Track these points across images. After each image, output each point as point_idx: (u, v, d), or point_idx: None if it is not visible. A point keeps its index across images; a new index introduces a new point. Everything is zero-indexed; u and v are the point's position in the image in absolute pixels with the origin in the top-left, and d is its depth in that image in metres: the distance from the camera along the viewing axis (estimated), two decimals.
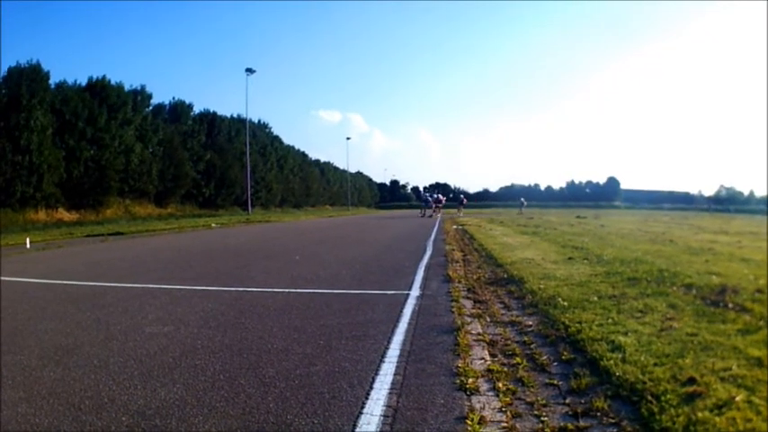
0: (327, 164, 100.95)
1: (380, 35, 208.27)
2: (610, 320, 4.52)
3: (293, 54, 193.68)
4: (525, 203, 54.88)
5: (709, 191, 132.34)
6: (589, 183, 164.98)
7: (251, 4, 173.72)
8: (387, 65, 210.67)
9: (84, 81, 46.09)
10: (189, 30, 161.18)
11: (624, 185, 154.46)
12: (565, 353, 3.90)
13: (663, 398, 2.93)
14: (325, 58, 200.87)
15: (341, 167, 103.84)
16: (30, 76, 37.94)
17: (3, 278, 8.72)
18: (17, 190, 35.83)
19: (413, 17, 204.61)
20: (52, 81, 41.02)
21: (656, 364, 3.40)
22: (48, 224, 35.35)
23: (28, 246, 16.41)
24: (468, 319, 5.03)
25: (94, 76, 46.82)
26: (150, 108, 53.00)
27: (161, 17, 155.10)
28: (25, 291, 7.53)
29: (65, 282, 8.08)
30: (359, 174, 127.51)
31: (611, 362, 3.48)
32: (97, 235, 21.46)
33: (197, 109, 61.30)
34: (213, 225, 27.78)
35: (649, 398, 2.95)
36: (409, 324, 4.87)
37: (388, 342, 4.27)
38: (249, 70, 52.62)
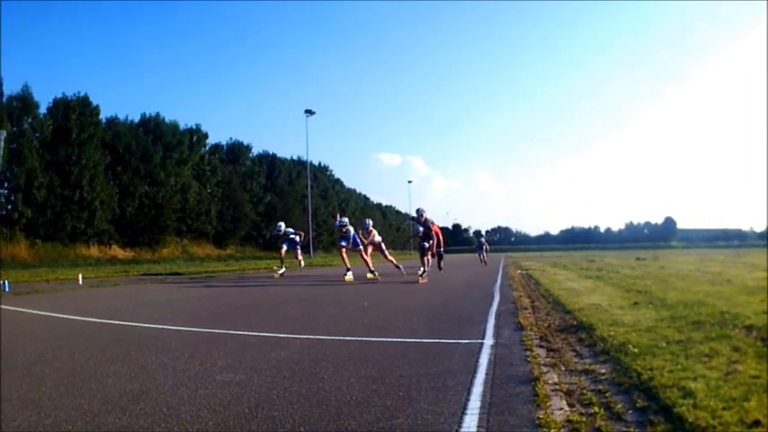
0: (389, 207, 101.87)
1: (439, 78, 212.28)
2: (679, 366, 4.65)
3: (353, 96, 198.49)
4: (487, 247, 34.51)
5: (760, 226, 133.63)
6: (647, 224, 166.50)
7: (310, 45, 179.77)
8: (446, 108, 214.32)
9: (136, 118, 47.90)
10: (246, 71, 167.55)
11: (680, 225, 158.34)
12: (639, 400, 3.92)
13: None
14: (385, 101, 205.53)
15: (403, 211, 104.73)
16: (78, 110, 39.47)
17: (56, 315, 9.07)
18: (67, 224, 37.09)
19: (470, 61, 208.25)
20: (102, 116, 42.72)
21: (724, 408, 3.54)
22: (100, 260, 36.50)
23: (80, 282, 16.82)
24: (544, 369, 4.98)
25: (147, 113, 48.56)
26: (207, 148, 54.73)
27: (215, 57, 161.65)
28: (81, 330, 7.63)
29: (124, 322, 8.13)
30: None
31: (684, 408, 3.60)
32: (154, 274, 21.83)
33: (255, 150, 63.04)
34: (275, 268, 27.95)
35: None
36: (486, 374, 4.78)
37: (468, 393, 4.19)
38: (309, 112, 53.75)
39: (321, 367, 5.09)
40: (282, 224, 22.37)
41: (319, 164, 75.28)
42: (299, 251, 23.12)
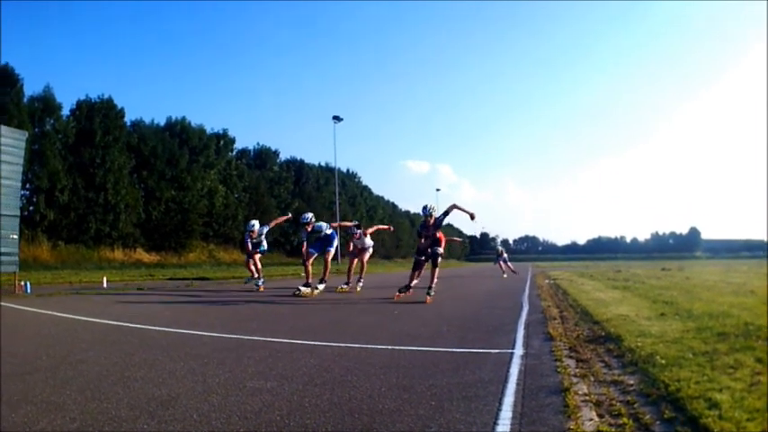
0: (417, 215, 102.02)
1: (467, 86, 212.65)
2: (705, 377, 4.79)
3: (381, 103, 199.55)
4: (505, 255, 32.29)
5: None
6: (672, 234, 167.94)
7: (338, 51, 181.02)
8: (475, 115, 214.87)
9: (162, 122, 48.28)
10: (274, 76, 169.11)
11: (704, 235, 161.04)
12: (666, 411, 3.98)
13: None
14: (413, 108, 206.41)
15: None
16: (102, 112, 39.86)
17: (81, 318, 9.15)
18: (91, 227, 37.48)
19: (499, 68, 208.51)
20: (127, 119, 43.11)
21: (748, 419, 3.65)
22: (125, 264, 36.85)
23: (105, 285, 16.98)
24: (574, 380, 5.00)
25: (173, 117, 48.99)
26: (234, 153, 55.17)
27: (242, 63, 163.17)
28: (107, 334, 7.66)
29: (150, 327, 8.17)
30: (449, 226, 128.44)
31: (710, 419, 3.70)
32: (181, 279, 21.99)
33: (283, 156, 63.56)
34: (302, 274, 27.97)
35: None
36: (517, 385, 4.82)
37: (500, 403, 4.20)
38: (336, 118, 53.98)
39: (352, 375, 5.07)
40: (256, 223, 17.52)
41: (348, 170, 75.69)
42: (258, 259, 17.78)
